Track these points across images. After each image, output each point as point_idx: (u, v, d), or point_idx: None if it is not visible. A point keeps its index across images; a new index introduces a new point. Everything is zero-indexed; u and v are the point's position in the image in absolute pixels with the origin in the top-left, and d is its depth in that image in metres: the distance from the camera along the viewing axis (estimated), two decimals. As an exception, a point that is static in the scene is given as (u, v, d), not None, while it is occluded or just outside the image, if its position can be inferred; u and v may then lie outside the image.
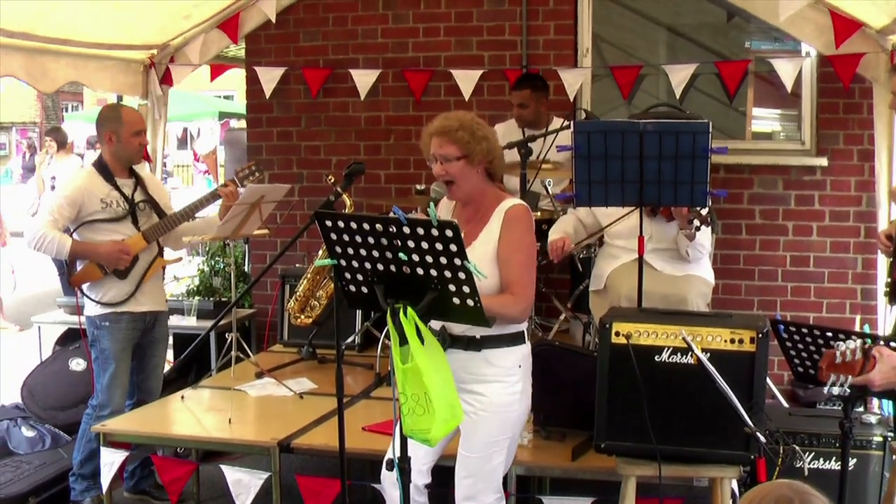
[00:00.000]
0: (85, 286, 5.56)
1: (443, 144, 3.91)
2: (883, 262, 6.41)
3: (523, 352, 4.00)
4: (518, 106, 6.75)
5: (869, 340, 3.41)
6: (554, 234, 5.65)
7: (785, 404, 6.38)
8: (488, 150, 3.95)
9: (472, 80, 7.44)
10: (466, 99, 7.38)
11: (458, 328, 3.56)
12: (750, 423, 3.58)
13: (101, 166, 5.60)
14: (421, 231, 3.38)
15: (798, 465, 4.34)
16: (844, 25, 6.28)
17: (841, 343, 3.36)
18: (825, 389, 3.41)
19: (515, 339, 3.95)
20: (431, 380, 3.41)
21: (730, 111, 8.23)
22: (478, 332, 3.79)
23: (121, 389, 5.62)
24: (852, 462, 4.57)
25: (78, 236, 5.47)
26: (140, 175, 5.74)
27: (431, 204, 3.78)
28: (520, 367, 3.98)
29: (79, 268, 5.54)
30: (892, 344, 3.45)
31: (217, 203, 5.84)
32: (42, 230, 5.33)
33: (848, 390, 3.36)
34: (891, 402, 5.41)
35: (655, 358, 3.90)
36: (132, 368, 5.75)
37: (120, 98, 8.16)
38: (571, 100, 7.24)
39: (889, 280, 4.94)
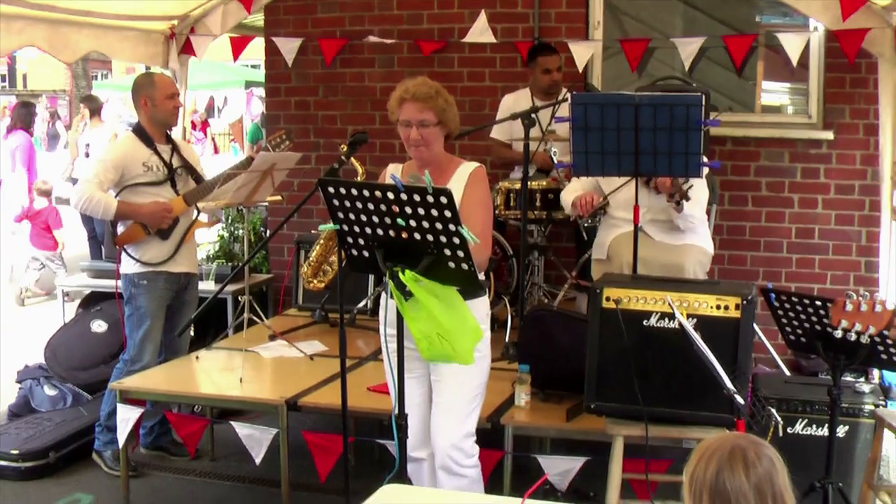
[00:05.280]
0: (128, 246, 5.78)
1: (423, 110, 4.18)
2: (886, 235, 6.54)
3: (486, 301, 4.27)
4: (545, 72, 6.89)
5: None
6: (574, 193, 5.67)
7: (787, 373, 6.49)
8: (455, 115, 4.27)
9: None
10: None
11: None
12: (728, 384, 3.67)
13: (140, 131, 5.82)
14: (417, 198, 3.54)
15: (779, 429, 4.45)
16: (850, 1, 6.32)
17: (853, 293, 3.54)
18: (836, 333, 3.66)
19: (482, 289, 4.19)
20: (449, 314, 3.64)
21: (744, 83, 8.26)
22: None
23: (153, 346, 5.85)
24: (843, 429, 4.68)
25: (121, 199, 5.67)
26: (175, 141, 5.97)
27: (427, 171, 3.92)
28: (487, 315, 4.25)
29: (122, 229, 5.75)
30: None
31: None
32: (88, 192, 5.55)
33: (869, 339, 3.60)
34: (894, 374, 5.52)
35: (644, 322, 4.04)
36: (163, 329, 5.96)
37: (148, 67, 8.28)
38: (581, 72, 7.34)
39: None
